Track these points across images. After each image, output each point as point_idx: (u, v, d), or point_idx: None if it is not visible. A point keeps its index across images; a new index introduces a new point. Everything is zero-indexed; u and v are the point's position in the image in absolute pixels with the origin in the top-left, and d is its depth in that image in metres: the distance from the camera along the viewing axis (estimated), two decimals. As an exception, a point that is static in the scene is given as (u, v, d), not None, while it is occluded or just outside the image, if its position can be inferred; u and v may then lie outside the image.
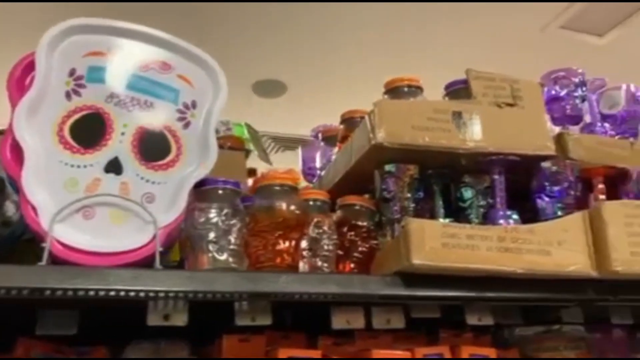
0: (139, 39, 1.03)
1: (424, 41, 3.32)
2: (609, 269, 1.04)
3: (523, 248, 1.02)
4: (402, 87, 1.20)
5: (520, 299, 1.09)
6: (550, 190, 1.13)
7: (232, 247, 0.94)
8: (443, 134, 1.10)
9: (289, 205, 0.97)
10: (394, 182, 1.12)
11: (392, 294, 0.98)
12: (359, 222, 1.10)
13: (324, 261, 1.02)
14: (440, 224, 1.00)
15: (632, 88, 1.33)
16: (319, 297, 0.96)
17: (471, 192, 1.19)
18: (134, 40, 1.03)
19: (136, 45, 1.03)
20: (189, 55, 1.06)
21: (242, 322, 0.94)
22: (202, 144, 0.98)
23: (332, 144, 1.37)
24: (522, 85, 1.18)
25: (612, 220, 1.06)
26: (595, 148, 1.19)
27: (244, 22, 3.14)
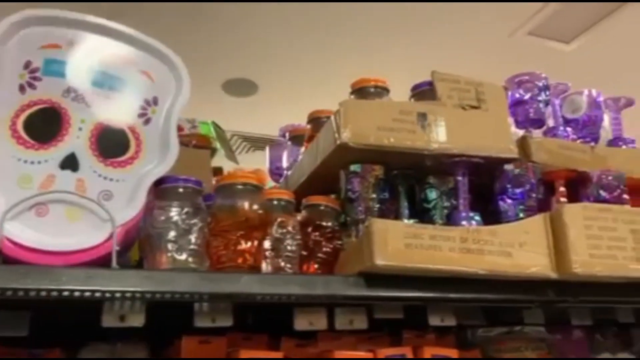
0: (100, 33, 1.00)
1: (393, 43, 3.34)
2: (569, 271, 1.05)
3: (485, 249, 1.02)
4: (368, 87, 1.20)
5: (482, 300, 1.10)
6: (512, 193, 1.14)
7: (192, 246, 0.92)
8: (408, 135, 1.10)
9: (252, 205, 0.96)
10: (359, 182, 1.12)
11: (355, 295, 0.97)
12: (324, 223, 1.09)
13: (287, 262, 1.01)
14: (403, 225, 1.00)
15: (593, 93, 1.36)
16: (281, 299, 0.95)
17: (435, 193, 1.19)
18: (94, 33, 1.00)
19: (97, 39, 1.00)
20: (152, 51, 1.03)
21: (202, 324, 0.92)
22: (162, 140, 0.96)
23: (299, 143, 1.36)
24: (486, 88, 1.19)
25: (573, 222, 1.08)
26: (557, 152, 1.21)
27: (214, 21, 3.11)
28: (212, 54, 3.36)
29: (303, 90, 3.51)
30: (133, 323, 0.87)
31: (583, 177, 1.20)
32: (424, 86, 1.21)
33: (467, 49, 3.38)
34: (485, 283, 1.05)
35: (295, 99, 3.38)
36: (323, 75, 3.43)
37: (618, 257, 1.11)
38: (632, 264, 1.12)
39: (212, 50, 3.33)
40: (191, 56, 3.49)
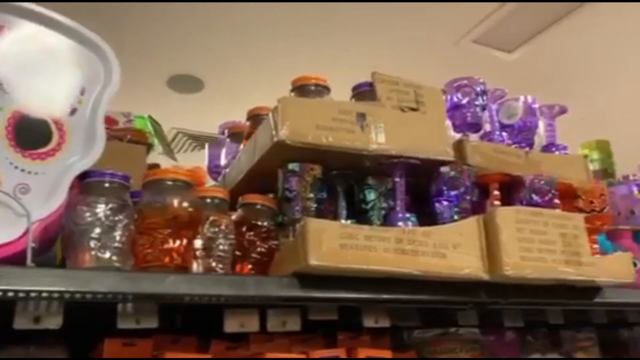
0: (30, 19, 0.94)
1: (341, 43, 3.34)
2: (500, 273, 1.07)
3: (419, 250, 1.02)
4: (309, 85, 1.19)
5: (415, 301, 1.10)
6: (447, 195, 1.15)
7: (116, 244, 0.87)
8: (347, 135, 1.09)
9: (181, 202, 0.92)
10: (296, 181, 1.10)
11: (288, 296, 0.95)
12: (259, 222, 1.07)
13: (219, 262, 0.98)
14: (338, 225, 0.98)
15: (529, 100, 1.39)
16: (211, 300, 0.92)
17: (374, 194, 1.19)
18: (24, 19, 0.94)
19: (24, 25, 0.94)
20: (81, 39, 0.98)
21: (125, 325, 0.88)
22: (88, 132, 0.91)
23: (239, 141, 1.33)
24: (425, 91, 1.20)
25: (505, 225, 1.10)
26: (492, 155, 1.23)
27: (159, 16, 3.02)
28: (157, 49, 3.27)
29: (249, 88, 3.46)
30: (49, 325, 0.82)
31: (516, 181, 1.22)
32: (364, 87, 1.20)
33: (414, 53, 3.43)
34: (419, 284, 1.05)
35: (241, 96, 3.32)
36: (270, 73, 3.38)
37: (548, 260, 1.14)
38: (561, 267, 1.15)
39: (157, 45, 3.24)
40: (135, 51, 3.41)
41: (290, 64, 3.19)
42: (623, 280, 1.25)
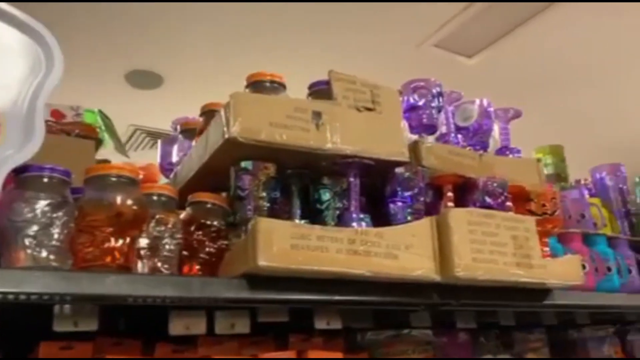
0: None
1: (303, 45, 3.33)
2: (452, 274, 1.07)
3: (372, 251, 1.01)
4: (264, 82, 1.16)
5: (367, 302, 1.09)
6: (402, 196, 1.14)
7: (54, 243, 0.83)
8: (302, 134, 1.07)
9: (126, 199, 0.88)
10: (249, 180, 1.07)
11: (236, 297, 0.93)
12: (208, 221, 1.04)
13: (165, 262, 0.95)
14: (289, 224, 0.96)
15: (484, 103, 1.40)
16: (155, 301, 0.88)
17: (329, 194, 1.17)
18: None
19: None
20: (23, 27, 0.93)
21: (62, 328, 0.83)
22: (26, 125, 0.87)
23: (192, 137, 1.29)
24: (382, 91, 1.19)
25: (457, 227, 1.10)
26: (447, 157, 1.23)
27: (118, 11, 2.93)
28: (114, 44, 3.18)
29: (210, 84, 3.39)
30: (-22, 328, 0.77)
31: (470, 183, 1.23)
32: (321, 85, 1.19)
33: (376, 55, 3.44)
34: (371, 285, 1.04)
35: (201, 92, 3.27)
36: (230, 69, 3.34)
37: (499, 262, 1.14)
38: (512, 269, 1.16)
39: (114, 40, 3.15)
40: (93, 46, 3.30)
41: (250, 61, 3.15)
42: (572, 283, 1.27)
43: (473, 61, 3.64)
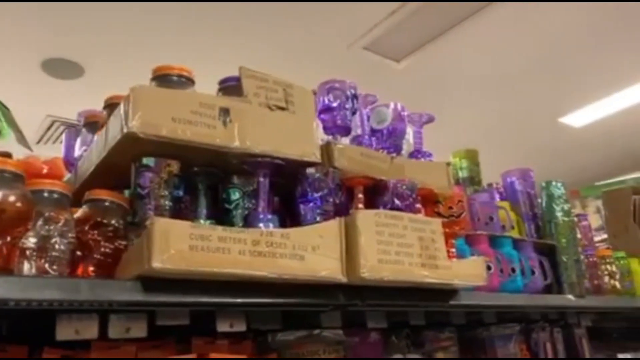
0: None
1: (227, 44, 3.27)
2: (357, 275, 1.07)
3: (277, 252, 1.00)
4: (171, 75, 1.12)
5: (273, 304, 1.08)
6: (311, 196, 1.14)
7: None
8: (207, 130, 1.04)
9: (7, 196, 0.82)
10: (150, 177, 1.03)
11: (129, 300, 0.89)
12: (105, 220, 0.99)
13: (53, 263, 0.89)
14: (188, 225, 0.93)
15: (398, 107, 1.42)
16: (41, 305, 0.83)
17: (239, 194, 1.15)
18: None
19: None
20: None
21: None
22: None
23: (95, 131, 1.23)
24: (295, 90, 1.18)
25: (365, 228, 1.10)
26: (359, 159, 1.24)
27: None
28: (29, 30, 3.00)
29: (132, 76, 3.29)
30: None
31: (380, 185, 1.24)
32: (232, 81, 1.16)
33: (305, 55, 3.44)
34: (276, 287, 1.03)
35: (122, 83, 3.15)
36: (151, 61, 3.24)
37: (405, 263, 1.16)
38: (417, 270, 1.18)
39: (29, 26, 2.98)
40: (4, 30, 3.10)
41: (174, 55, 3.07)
42: (476, 283, 1.31)
43: (401, 65, 3.72)
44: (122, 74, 3.44)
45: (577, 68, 3.87)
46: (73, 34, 3.03)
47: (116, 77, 3.45)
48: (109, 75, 3.46)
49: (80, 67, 3.37)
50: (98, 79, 3.50)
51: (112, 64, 3.33)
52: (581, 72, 3.92)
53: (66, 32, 3.01)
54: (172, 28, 3.11)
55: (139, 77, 3.43)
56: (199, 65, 1.28)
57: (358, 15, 3.19)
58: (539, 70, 3.86)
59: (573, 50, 3.65)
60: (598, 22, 3.36)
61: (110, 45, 3.18)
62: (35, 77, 3.41)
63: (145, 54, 3.26)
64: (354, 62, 3.53)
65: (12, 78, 3.37)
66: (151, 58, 3.32)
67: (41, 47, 3.14)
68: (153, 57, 3.25)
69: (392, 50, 3.59)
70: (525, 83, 4.03)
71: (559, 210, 1.87)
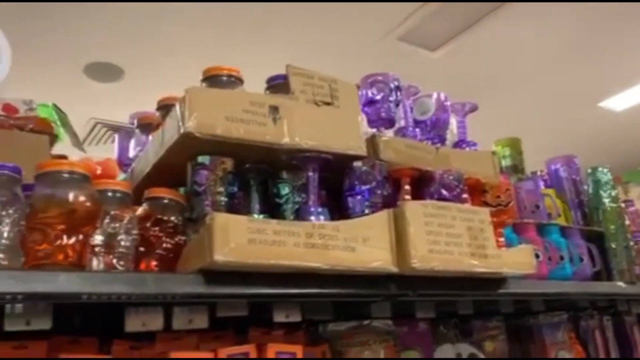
0: None
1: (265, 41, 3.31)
2: (408, 265, 1.09)
3: (330, 244, 1.02)
4: (221, 76, 1.16)
5: (326, 295, 1.11)
6: (359, 189, 1.16)
7: (3, 241, 0.81)
8: (258, 128, 1.07)
9: (78, 196, 0.87)
10: (206, 175, 1.07)
11: (193, 293, 0.93)
12: (165, 217, 1.03)
13: (120, 258, 0.94)
14: (246, 219, 0.96)
15: (442, 97, 1.43)
16: (110, 298, 0.88)
17: (288, 189, 1.18)
18: None
19: None
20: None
21: (14, 327, 0.83)
22: (-28, 121, 0.84)
23: (149, 132, 1.28)
24: (340, 85, 1.20)
25: (413, 219, 1.12)
26: (404, 151, 1.25)
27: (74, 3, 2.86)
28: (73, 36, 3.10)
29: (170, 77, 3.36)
30: None
31: (427, 176, 1.25)
32: (279, 79, 1.19)
33: (339, 49, 3.45)
34: (329, 278, 1.06)
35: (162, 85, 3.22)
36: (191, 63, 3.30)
37: (454, 253, 1.17)
38: (467, 259, 1.19)
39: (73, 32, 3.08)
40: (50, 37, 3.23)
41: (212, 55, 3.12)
42: (525, 272, 1.31)
43: (436, 55, 3.69)
44: (160, 76, 3.54)
45: (616, 51, 3.77)
46: (114, 38, 3.12)
47: (154, 78, 3.54)
48: (147, 77, 3.55)
49: (120, 70, 3.46)
50: (137, 80, 3.59)
51: (151, 66, 3.42)
52: (620, 55, 3.82)
53: (108, 36, 3.10)
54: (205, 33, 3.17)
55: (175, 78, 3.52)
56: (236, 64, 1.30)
57: (391, 6, 3.18)
58: (578, 54, 3.78)
59: (612, 33, 3.56)
60: (636, 5, 3.26)
61: (149, 48, 3.26)
62: (78, 81, 3.53)
63: (180, 56, 3.34)
64: (389, 54, 3.52)
65: (57, 82, 3.49)
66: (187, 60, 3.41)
67: (84, 52, 3.25)
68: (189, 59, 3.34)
69: (427, 39, 3.57)
70: (564, 68, 3.94)
71: (606, 197, 1.84)
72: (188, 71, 3.43)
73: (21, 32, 0.88)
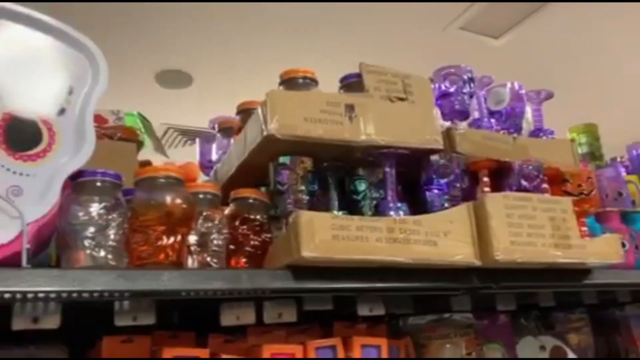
0: (14, 20, 0.94)
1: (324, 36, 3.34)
2: (491, 258, 1.09)
3: (411, 239, 1.04)
4: (297, 78, 1.19)
5: (409, 289, 1.12)
6: (438, 183, 1.16)
7: (110, 243, 0.88)
8: (336, 127, 1.10)
9: (174, 199, 0.93)
10: (288, 174, 1.10)
11: (282, 287, 0.97)
12: (252, 216, 1.08)
13: (214, 256, 0.99)
14: (329, 216, 0.99)
15: (516, 86, 1.40)
16: (207, 294, 0.93)
17: (365, 185, 1.20)
18: (8, 20, 0.93)
19: (9, 27, 0.94)
20: (67, 38, 0.98)
21: (122, 322, 0.89)
22: (78, 132, 0.91)
23: (229, 135, 1.34)
24: (413, 80, 1.21)
25: (494, 211, 1.11)
26: (481, 142, 1.24)
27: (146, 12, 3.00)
28: (145, 45, 3.26)
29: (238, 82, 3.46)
30: (47, 325, 0.83)
31: (505, 167, 1.24)
32: (352, 78, 1.21)
33: (402, 42, 3.43)
34: (411, 272, 1.07)
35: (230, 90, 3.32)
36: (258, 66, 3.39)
37: (537, 244, 1.15)
38: (550, 250, 1.17)
39: (145, 41, 3.23)
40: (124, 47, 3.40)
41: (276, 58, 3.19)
42: (612, 261, 1.27)
43: (500, 42, 3.60)
44: (227, 81, 3.66)
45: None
46: (184, 45, 3.25)
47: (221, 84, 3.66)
48: (214, 83, 3.67)
49: (189, 77, 3.59)
50: (205, 86, 3.72)
51: (218, 72, 3.53)
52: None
53: (178, 44, 3.23)
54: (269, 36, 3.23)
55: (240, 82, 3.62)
56: (300, 64, 1.33)
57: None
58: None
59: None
60: None
61: (217, 54, 3.37)
62: (150, 89, 3.69)
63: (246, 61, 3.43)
64: (451, 44, 3.47)
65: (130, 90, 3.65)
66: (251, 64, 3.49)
67: (155, 60, 3.40)
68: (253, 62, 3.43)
69: (490, 27, 3.49)
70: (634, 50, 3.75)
71: (694, 181, 1.74)
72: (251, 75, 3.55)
73: (99, 45, 0.94)
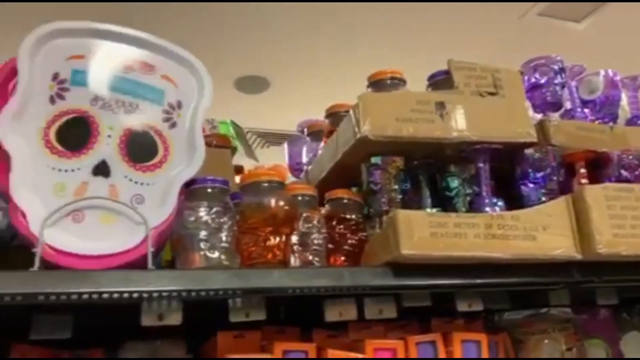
0: (121, 41, 1.03)
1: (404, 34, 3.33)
2: (593, 251, 1.06)
3: (509, 234, 1.04)
4: (385, 79, 1.21)
5: (508, 284, 1.12)
6: (533, 177, 1.15)
7: (223, 244, 0.94)
8: (427, 125, 1.11)
9: (278, 201, 0.98)
10: (380, 174, 1.13)
11: (383, 285, 0.99)
12: (347, 215, 1.11)
13: (315, 255, 1.04)
14: (426, 214, 1.01)
15: (610, 73, 1.35)
16: (311, 291, 0.97)
17: (457, 181, 1.20)
18: (115, 42, 1.03)
19: (118, 47, 1.03)
20: (172, 56, 1.06)
21: (236, 319, 0.95)
22: (189, 143, 0.99)
23: (318, 138, 1.38)
24: (502, 74, 1.20)
25: (595, 203, 1.09)
26: (576, 133, 1.22)
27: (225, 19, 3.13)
28: (223, 52, 3.39)
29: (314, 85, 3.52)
30: (171, 321, 0.90)
31: (603, 157, 1.20)
32: (440, 75, 1.22)
33: (479, 34, 3.36)
34: (510, 267, 1.06)
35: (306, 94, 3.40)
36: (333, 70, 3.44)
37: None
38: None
39: (223, 48, 3.36)
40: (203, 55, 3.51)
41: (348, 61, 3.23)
42: None
43: (582, 25, 3.45)
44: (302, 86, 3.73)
45: None
46: (263, 52, 3.35)
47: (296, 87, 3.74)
48: (290, 87, 3.75)
49: (266, 82, 3.70)
50: (281, 91, 3.81)
51: (294, 77, 3.61)
52: None
53: (257, 50, 3.34)
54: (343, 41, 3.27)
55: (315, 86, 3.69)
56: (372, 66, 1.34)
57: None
58: None
59: None
60: None
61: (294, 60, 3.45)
62: (230, 94, 3.83)
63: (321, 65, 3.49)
64: (530, 31, 3.36)
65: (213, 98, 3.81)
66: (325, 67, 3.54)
67: (235, 67, 3.52)
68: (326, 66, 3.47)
69: (570, 11, 3.35)
70: None
71: None
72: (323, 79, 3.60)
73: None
